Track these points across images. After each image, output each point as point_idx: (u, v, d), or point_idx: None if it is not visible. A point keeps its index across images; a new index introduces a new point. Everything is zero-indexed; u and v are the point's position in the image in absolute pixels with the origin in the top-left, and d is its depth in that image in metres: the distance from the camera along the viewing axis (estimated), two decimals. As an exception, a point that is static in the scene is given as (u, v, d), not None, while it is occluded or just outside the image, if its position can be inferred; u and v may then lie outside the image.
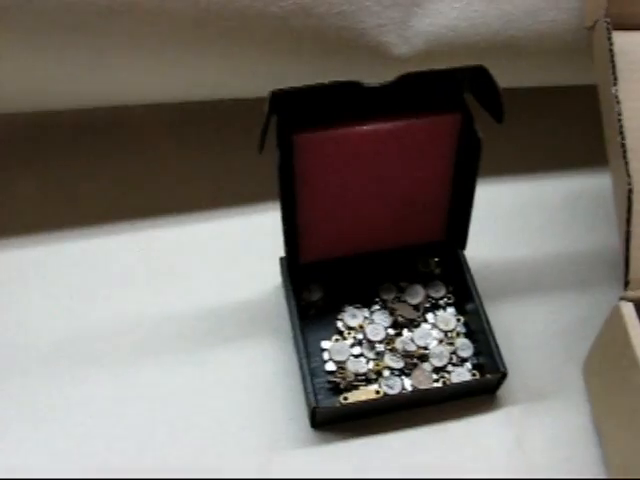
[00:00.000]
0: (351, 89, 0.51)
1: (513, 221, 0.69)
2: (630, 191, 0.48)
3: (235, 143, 0.71)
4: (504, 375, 0.56)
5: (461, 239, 0.61)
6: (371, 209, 0.57)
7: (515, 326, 0.62)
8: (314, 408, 0.54)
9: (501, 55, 0.61)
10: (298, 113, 0.52)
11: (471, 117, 0.54)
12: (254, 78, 0.62)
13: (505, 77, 0.51)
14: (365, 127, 0.53)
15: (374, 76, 0.52)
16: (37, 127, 0.72)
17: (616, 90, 0.50)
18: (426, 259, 0.63)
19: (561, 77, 0.67)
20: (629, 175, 0.49)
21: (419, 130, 0.54)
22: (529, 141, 0.74)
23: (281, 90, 0.49)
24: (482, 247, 0.64)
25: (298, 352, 0.57)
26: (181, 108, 0.72)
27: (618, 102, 0.50)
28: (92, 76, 0.61)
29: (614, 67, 0.50)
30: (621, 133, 0.49)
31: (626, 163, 0.49)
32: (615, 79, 0.50)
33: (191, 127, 0.73)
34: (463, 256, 0.61)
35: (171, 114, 0.74)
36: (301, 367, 0.57)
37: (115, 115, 0.72)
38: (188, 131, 0.73)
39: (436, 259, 0.63)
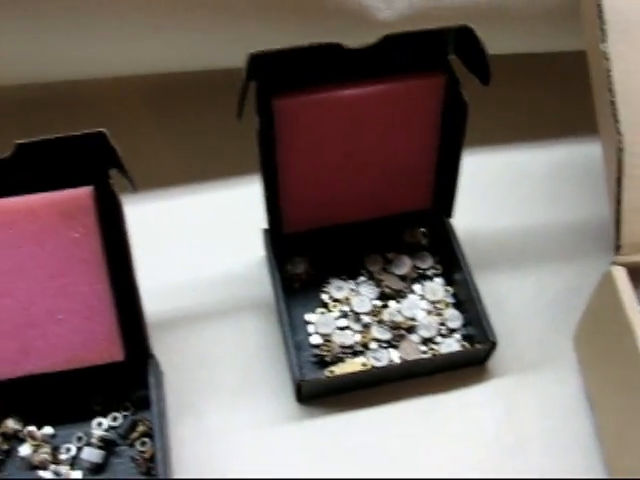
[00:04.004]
0: (332, 51, 0.50)
1: (499, 190, 0.68)
2: (620, 150, 0.47)
3: (214, 115, 0.69)
4: (494, 345, 0.55)
5: (448, 207, 0.59)
6: (355, 176, 0.56)
7: (503, 296, 0.61)
8: (299, 382, 0.53)
9: (487, 20, 0.60)
10: (278, 77, 0.50)
11: (456, 80, 0.53)
12: (233, 47, 0.60)
13: (491, 43, 0.50)
14: (347, 91, 0.52)
15: (357, 42, 0.50)
16: (14, 102, 0.70)
17: (605, 47, 0.48)
18: (413, 229, 0.62)
19: (548, 43, 0.65)
20: (619, 133, 0.47)
21: (403, 93, 0.53)
22: (515, 110, 0.73)
23: (260, 52, 0.48)
24: (468, 217, 0.62)
25: (282, 325, 0.56)
26: (158, 80, 0.70)
27: (607, 59, 0.48)
28: (67, 46, 0.60)
29: (603, 23, 0.48)
30: (610, 90, 0.48)
31: (616, 121, 0.47)
32: (604, 35, 0.48)
33: (169, 99, 0.72)
34: (450, 225, 0.60)
35: (148, 87, 0.72)
36: (285, 340, 0.55)
37: (92, 89, 0.71)
38: (166, 103, 0.72)
39: (423, 229, 0.62)
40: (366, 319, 0.58)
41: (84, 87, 0.70)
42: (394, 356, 0.56)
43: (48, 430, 0.54)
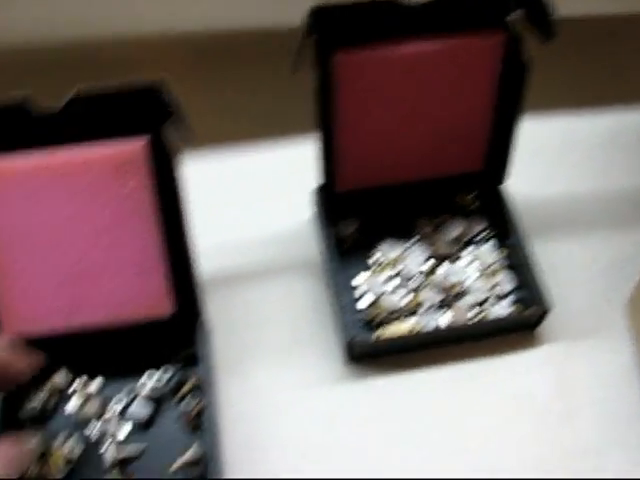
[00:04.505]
0: (392, 8, 0.49)
1: (551, 157, 0.66)
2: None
3: (265, 75, 0.68)
4: (547, 310, 0.54)
5: (501, 171, 0.58)
6: (410, 135, 0.55)
7: (554, 264, 0.60)
8: (349, 342, 0.53)
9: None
10: (338, 32, 0.49)
11: (517, 38, 0.51)
12: (287, 3, 0.59)
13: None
14: (406, 48, 0.51)
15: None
16: (53, 62, 0.69)
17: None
18: (464, 193, 0.61)
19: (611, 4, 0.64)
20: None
21: (462, 51, 0.51)
22: (570, 76, 0.71)
23: (321, 6, 0.47)
24: (521, 182, 0.61)
25: (332, 286, 0.55)
26: (208, 39, 0.69)
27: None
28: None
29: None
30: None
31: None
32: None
33: (219, 58, 0.71)
34: (503, 189, 0.59)
35: (197, 45, 0.71)
36: (335, 301, 0.55)
37: (140, 49, 0.70)
38: (215, 62, 0.71)
39: (474, 193, 0.61)
40: (416, 282, 0.57)
41: (133, 47, 0.69)
42: (444, 320, 0.56)
43: (97, 384, 0.54)
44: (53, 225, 0.50)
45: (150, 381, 0.54)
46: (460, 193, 0.61)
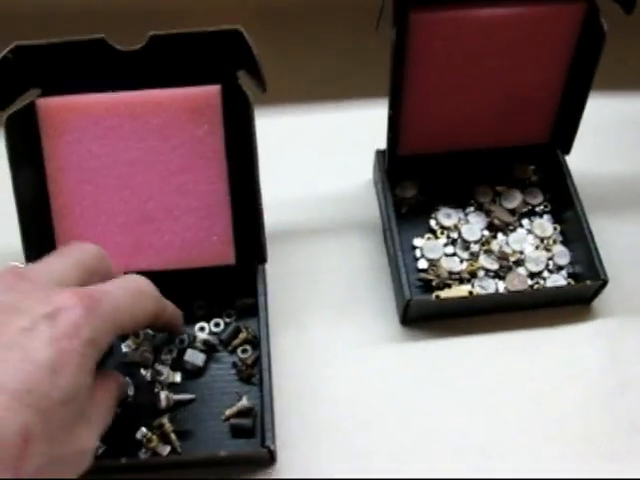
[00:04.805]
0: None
1: (613, 135, 0.66)
2: None
3: (334, 38, 0.69)
4: (604, 283, 0.54)
5: (566, 142, 0.58)
6: (479, 101, 0.55)
7: (611, 240, 0.60)
8: (408, 301, 0.52)
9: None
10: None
11: (596, 8, 0.51)
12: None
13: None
14: (484, 10, 0.51)
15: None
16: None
17: None
18: (524, 165, 0.61)
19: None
20: None
21: (540, 18, 0.51)
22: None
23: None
24: (580, 158, 0.61)
25: (392, 245, 0.55)
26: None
27: None
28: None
29: None
30: None
31: None
32: None
33: (294, 17, 0.70)
34: (565, 161, 0.59)
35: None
36: (394, 261, 0.55)
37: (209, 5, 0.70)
38: (291, 22, 0.70)
39: (533, 167, 0.61)
40: (475, 248, 0.57)
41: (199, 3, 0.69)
42: (500, 287, 0.56)
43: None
44: (124, 164, 0.50)
45: (205, 329, 0.54)
46: (521, 164, 0.61)
